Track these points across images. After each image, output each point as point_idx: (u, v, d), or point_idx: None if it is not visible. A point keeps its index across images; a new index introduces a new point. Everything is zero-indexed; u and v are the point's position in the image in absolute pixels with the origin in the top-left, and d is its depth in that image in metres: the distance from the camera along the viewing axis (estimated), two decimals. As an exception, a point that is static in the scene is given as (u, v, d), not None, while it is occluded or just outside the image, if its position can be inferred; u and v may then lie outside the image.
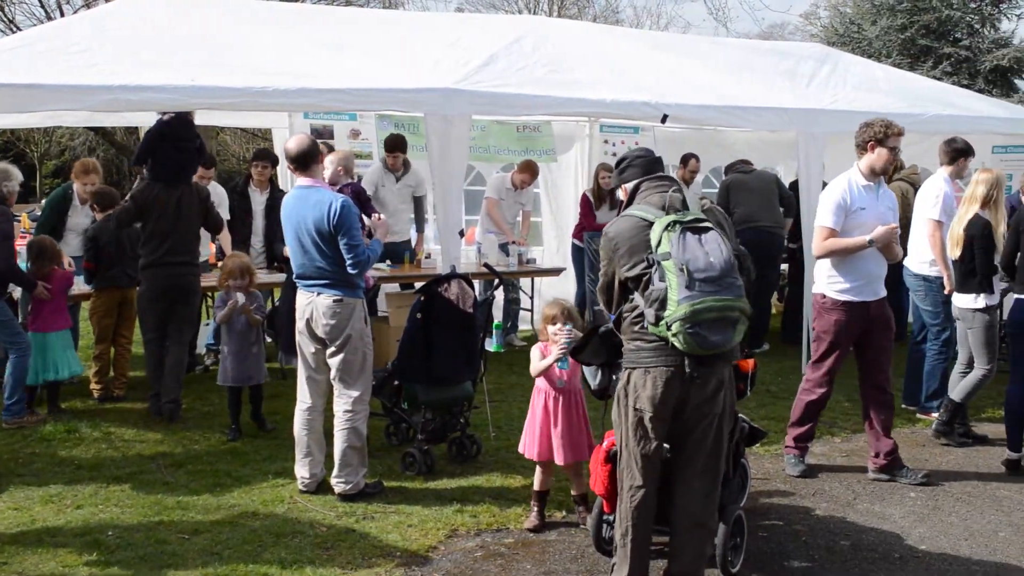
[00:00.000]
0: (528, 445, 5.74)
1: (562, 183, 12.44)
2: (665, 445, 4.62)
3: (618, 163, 4.92)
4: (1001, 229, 7.28)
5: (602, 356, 4.92)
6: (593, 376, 5.04)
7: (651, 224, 4.42)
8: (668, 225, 4.35)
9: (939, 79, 19.05)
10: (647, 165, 4.75)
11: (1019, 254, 6.95)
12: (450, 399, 6.80)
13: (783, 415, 8.25)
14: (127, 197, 8.17)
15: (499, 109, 8.73)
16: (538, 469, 5.75)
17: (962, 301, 7.44)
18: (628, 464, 4.62)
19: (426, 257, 9.70)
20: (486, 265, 8.27)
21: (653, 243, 4.38)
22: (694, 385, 4.43)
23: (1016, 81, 22.64)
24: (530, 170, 10.83)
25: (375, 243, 6.37)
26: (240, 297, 7.30)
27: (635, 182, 4.73)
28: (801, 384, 7.05)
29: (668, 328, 4.29)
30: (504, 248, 10.50)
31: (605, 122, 11.93)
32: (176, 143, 7.93)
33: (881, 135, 6.65)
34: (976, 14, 22.48)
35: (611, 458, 4.86)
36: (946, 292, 7.74)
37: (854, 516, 6.12)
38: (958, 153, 7.87)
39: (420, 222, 10.58)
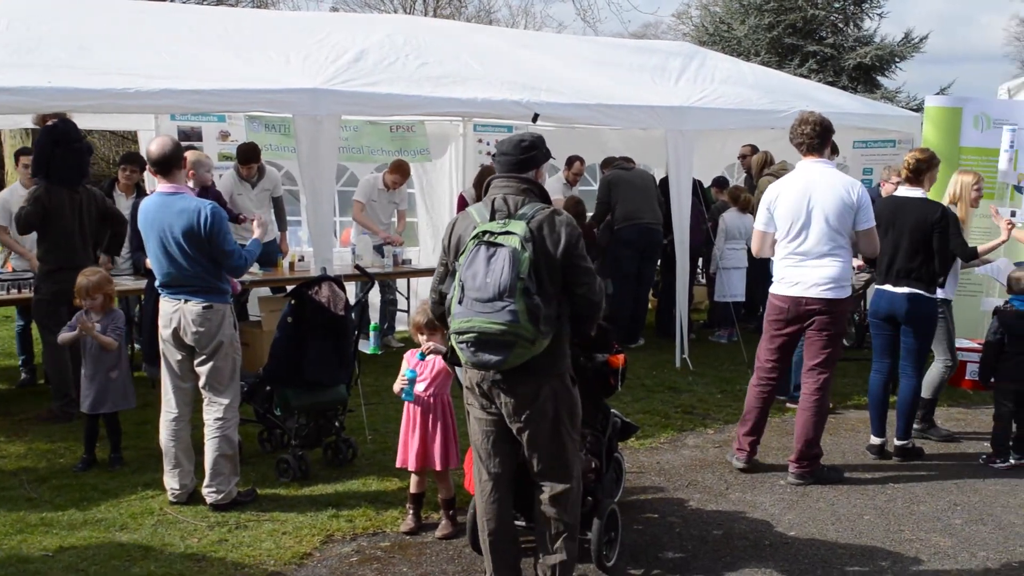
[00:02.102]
0: (399, 452, 5.74)
1: (437, 183, 12.39)
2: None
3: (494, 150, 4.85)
4: (967, 227, 7.54)
5: None
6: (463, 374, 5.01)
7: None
8: (476, 235, 4.34)
9: (806, 76, 19.63)
10: (507, 163, 4.62)
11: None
12: (324, 403, 6.71)
13: (658, 409, 8.42)
14: (27, 201, 7.85)
15: (369, 109, 8.64)
16: (413, 472, 5.72)
17: None
18: (476, 461, 4.70)
19: (299, 260, 9.56)
20: (357, 267, 8.19)
21: (462, 248, 4.40)
22: (500, 392, 4.45)
23: (878, 78, 23.40)
24: (401, 170, 10.76)
25: (253, 244, 6.25)
26: (93, 317, 6.70)
27: (491, 177, 4.72)
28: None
29: (449, 339, 4.41)
30: (379, 249, 10.42)
31: (479, 121, 11.92)
32: (68, 145, 7.79)
33: None
34: (840, 13, 23.20)
35: None
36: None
37: (726, 506, 6.23)
38: None
39: (281, 222, 10.44)
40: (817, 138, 6.67)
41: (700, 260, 12.11)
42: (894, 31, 41.05)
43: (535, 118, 8.96)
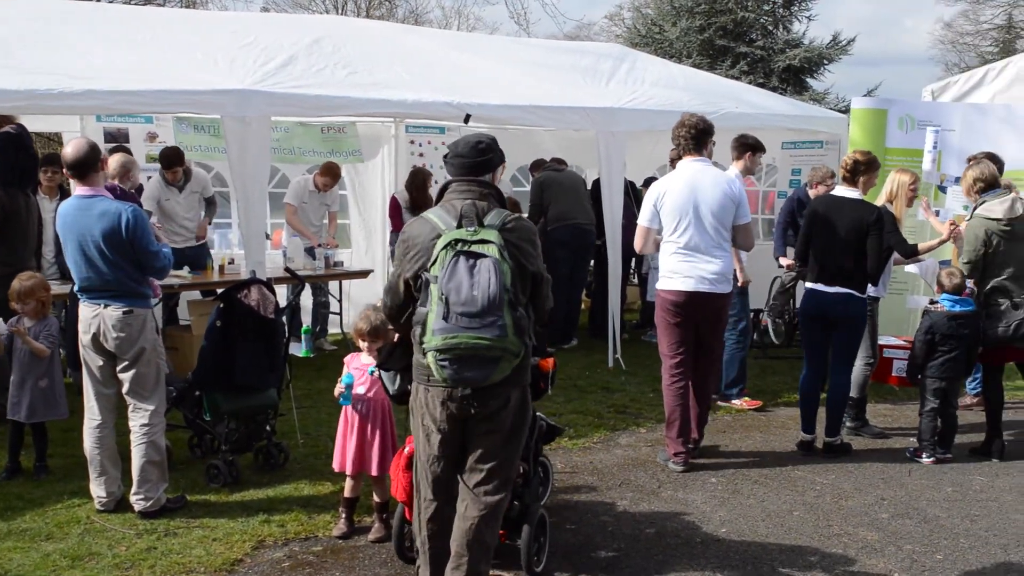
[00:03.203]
0: (335, 455, 5.70)
1: (370, 184, 12.32)
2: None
3: (448, 148, 4.61)
4: (902, 225, 7.65)
5: (403, 362, 4.64)
6: (392, 381, 4.84)
7: (440, 235, 4.18)
8: (448, 243, 4.10)
9: (736, 78, 19.83)
10: (464, 166, 4.43)
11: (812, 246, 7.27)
12: (254, 407, 6.63)
13: (590, 409, 8.46)
14: None
15: (298, 110, 8.59)
16: (348, 476, 5.69)
17: None
18: (420, 476, 4.51)
19: (230, 263, 9.45)
20: (287, 269, 8.13)
21: (431, 259, 4.14)
22: (472, 405, 4.25)
23: (807, 80, 23.75)
24: (331, 172, 10.68)
25: (166, 250, 6.17)
26: (25, 323, 6.58)
27: (447, 181, 4.51)
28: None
29: (424, 355, 4.15)
30: (311, 251, 10.34)
31: (411, 122, 11.88)
32: (27, 150, 7.81)
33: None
34: (769, 16, 23.50)
35: (412, 464, 4.73)
36: (739, 284, 8.05)
37: (659, 504, 6.27)
38: (747, 148, 8.15)
39: (210, 217, 10.37)
40: (693, 140, 6.95)
41: (633, 261, 12.18)
42: (823, 34, 41.81)
43: (467, 119, 8.97)
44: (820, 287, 7.17)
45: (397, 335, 4.68)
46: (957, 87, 12.13)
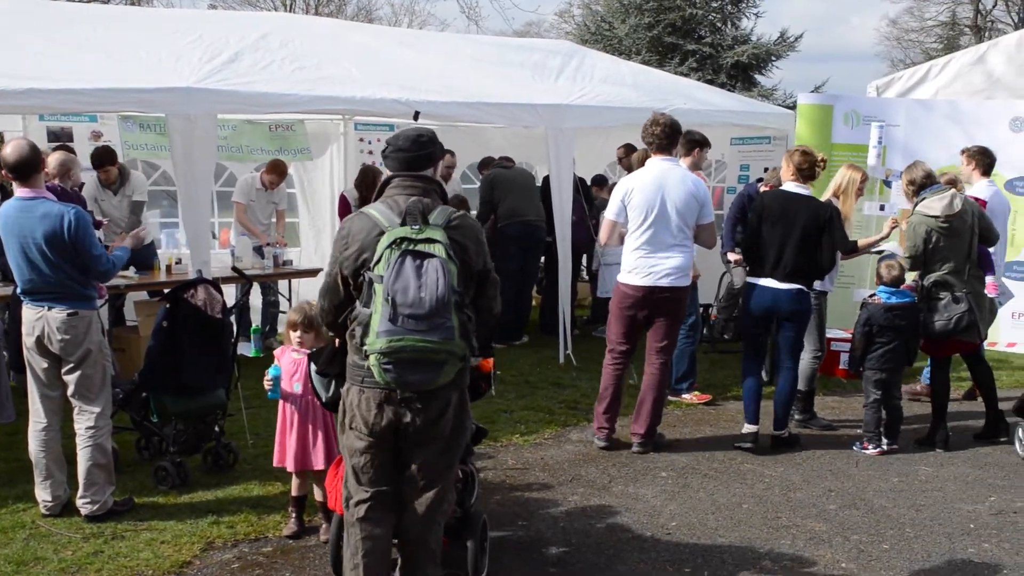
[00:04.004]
0: (275, 451, 5.65)
1: (318, 182, 12.26)
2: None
3: (387, 142, 4.37)
4: (851, 220, 7.77)
5: (337, 366, 4.43)
6: (325, 387, 4.65)
7: (383, 233, 4.00)
8: (393, 242, 3.93)
9: (685, 75, 19.98)
10: (405, 160, 4.25)
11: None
12: (202, 408, 6.57)
13: (542, 405, 8.48)
14: None
15: (244, 108, 8.51)
16: (294, 474, 5.65)
17: None
18: (352, 484, 4.28)
19: (177, 263, 9.35)
20: (235, 268, 8.06)
21: (375, 257, 3.96)
22: (412, 410, 4.07)
23: (756, 76, 23.95)
24: (278, 170, 10.60)
25: (122, 250, 6.10)
26: None
27: (389, 175, 4.31)
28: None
29: (366, 357, 3.96)
30: (259, 250, 10.26)
31: (360, 120, 11.83)
32: None
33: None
34: (718, 13, 23.68)
35: None
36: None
37: (609, 499, 6.30)
38: (694, 144, 8.17)
39: (136, 219, 10.14)
40: (666, 139, 7.15)
41: (583, 257, 12.21)
42: (770, 31, 42.10)
43: (416, 116, 8.93)
44: (772, 283, 7.21)
45: (337, 339, 4.48)
46: (901, 83, 12.31)
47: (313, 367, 4.72)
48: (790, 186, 7.35)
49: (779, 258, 7.17)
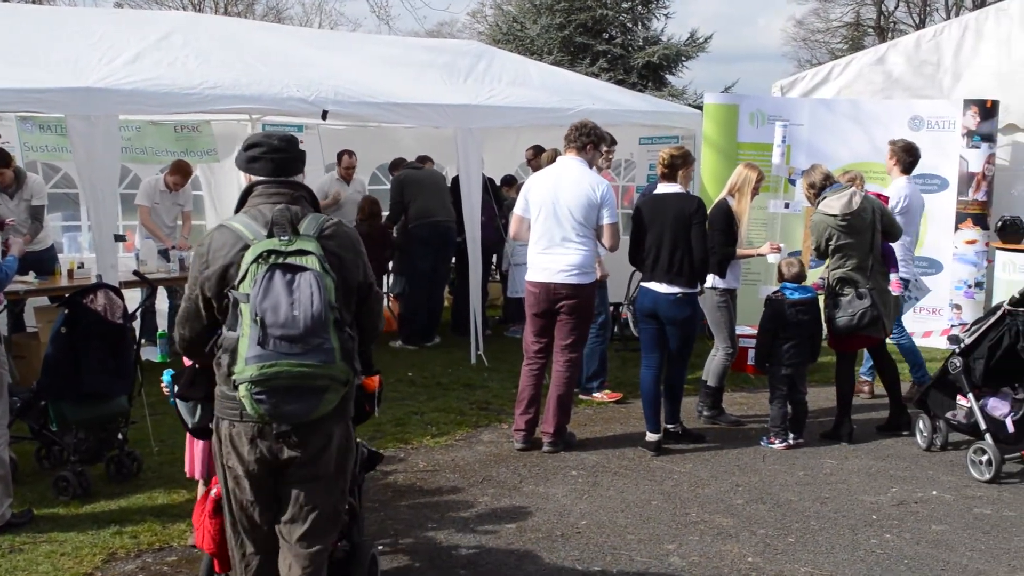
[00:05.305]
0: (186, 461, 5.53)
1: (226, 184, 12.08)
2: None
3: (249, 144, 3.91)
4: (745, 219, 7.83)
5: (202, 391, 4.02)
6: (191, 412, 4.21)
7: (248, 247, 3.57)
8: (259, 255, 3.50)
9: (597, 75, 20.10)
10: (282, 163, 3.83)
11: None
12: (103, 416, 6.43)
13: (453, 406, 8.46)
14: None
15: (147, 108, 8.33)
16: (200, 482, 5.55)
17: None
18: (234, 528, 3.85)
19: (79, 267, 9.13)
20: (136, 272, 7.90)
21: (240, 274, 3.53)
22: (290, 445, 3.64)
23: (667, 76, 24.18)
24: (181, 170, 10.43)
25: (11, 260, 5.93)
26: None
27: (251, 183, 3.84)
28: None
29: (235, 387, 3.50)
30: (165, 253, 10.07)
31: (268, 120, 11.67)
32: None
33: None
34: (628, 13, 23.86)
35: (220, 509, 4.03)
36: (598, 278, 8.12)
37: (520, 499, 6.30)
38: (587, 140, 8.19)
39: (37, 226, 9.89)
40: (586, 137, 7.24)
41: (494, 257, 12.21)
42: (681, 31, 42.57)
43: (324, 115, 8.88)
44: (652, 286, 7.25)
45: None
46: (804, 83, 12.54)
47: (175, 391, 4.26)
48: (660, 186, 7.47)
49: (656, 259, 7.24)
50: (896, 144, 8.68)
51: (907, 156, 8.57)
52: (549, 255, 7.09)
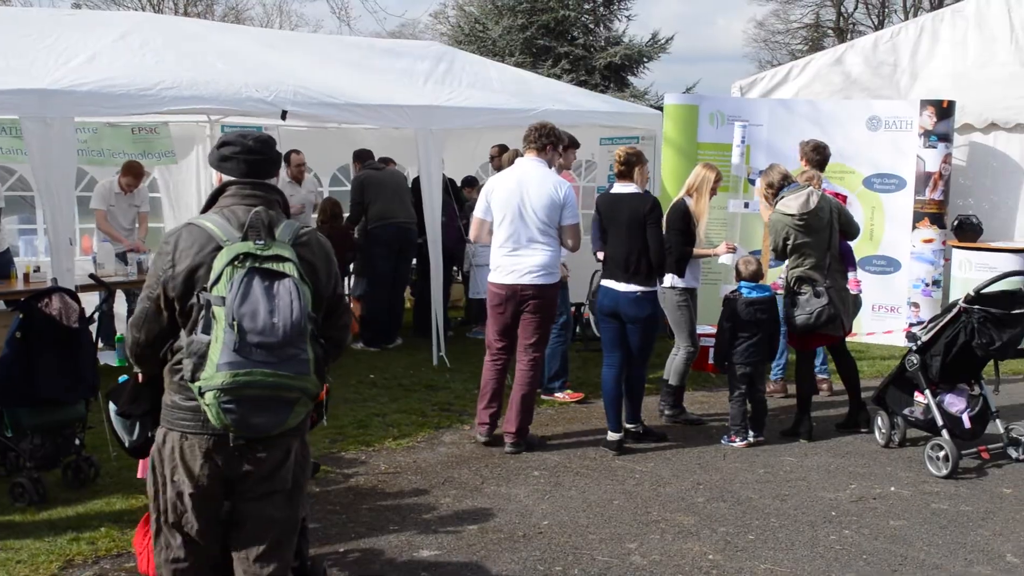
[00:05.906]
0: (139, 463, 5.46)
1: (184, 186, 11.99)
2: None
3: (223, 143, 3.72)
4: (703, 218, 7.85)
5: (144, 405, 3.84)
6: (129, 430, 3.99)
7: (220, 248, 3.40)
8: (236, 258, 3.33)
9: (559, 76, 20.15)
10: (257, 164, 3.65)
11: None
12: (60, 421, 6.34)
13: (415, 408, 8.44)
14: None
15: (103, 109, 8.22)
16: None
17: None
18: (167, 543, 3.61)
19: (35, 271, 9.03)
20: (92, 276, 7.83)
21: (212, 276, 3.34)
22: (248, 459, 3.48)
23: (628, 77, 24.29)
24: (133, 171, 10.31)
25: None
26: None
27: (224, 183, 3.67)
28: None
29: (201, 395, 3.29)
30: (123, 256, 9.97)
31: (227, 122, 11.58)
32: None
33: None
34: (590, 15, 23.94)
35: None
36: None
37: (482, 500, 6.29)
38: (546, 141, 8.21)
39: None
40: (545, 138, 7.31)
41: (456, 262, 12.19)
42: (642, 32, 42.76)
43: (284, 115, 8.84)
44: (611, 285, 7.28)
45: (141, 374, 3.81)
46: (764, 83, 12.64)
47: (112, 408, 4.03)
48: (616, 186, 7.50)
49: (615, 258, 7.29)
50: (807, 144, 8.73)
51: (816, 155, 8.62)
52: (516, 256, 7.11)
